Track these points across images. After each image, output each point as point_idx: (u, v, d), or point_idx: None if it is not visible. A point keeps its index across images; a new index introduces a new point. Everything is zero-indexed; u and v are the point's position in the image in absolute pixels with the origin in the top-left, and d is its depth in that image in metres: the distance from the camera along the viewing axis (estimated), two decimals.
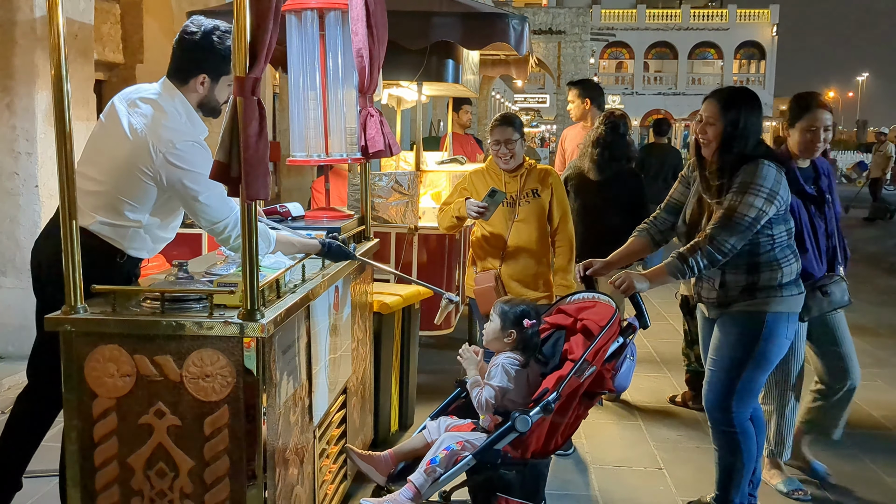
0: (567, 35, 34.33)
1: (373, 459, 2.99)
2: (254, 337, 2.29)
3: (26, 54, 5.18)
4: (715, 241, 3.08)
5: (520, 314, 3.01)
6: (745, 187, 3.08)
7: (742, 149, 3.15)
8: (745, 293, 3.21)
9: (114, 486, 2.38)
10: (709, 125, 3.21)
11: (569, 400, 2.76)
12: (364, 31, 3.48)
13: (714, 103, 3.21)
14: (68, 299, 2.36)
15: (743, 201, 3.07)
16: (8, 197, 5.28)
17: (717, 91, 3.29)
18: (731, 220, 3.07)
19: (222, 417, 2.34)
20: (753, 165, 3.12)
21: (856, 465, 4.19)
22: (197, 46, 2.91)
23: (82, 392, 2.35)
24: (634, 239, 3.57)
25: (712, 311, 3.37)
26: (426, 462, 2.76)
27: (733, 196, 3.10)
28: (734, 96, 3.23)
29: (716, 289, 3.25)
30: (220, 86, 2.99)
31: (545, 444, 2.78)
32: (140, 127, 2.82)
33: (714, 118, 3.19)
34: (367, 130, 3.68)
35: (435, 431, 2.97)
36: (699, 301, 3.44)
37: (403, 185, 5.19)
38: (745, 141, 3.16)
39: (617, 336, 2.85)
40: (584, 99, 5.68)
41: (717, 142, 3.19)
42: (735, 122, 3.15)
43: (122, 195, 2.87)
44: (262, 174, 2.25)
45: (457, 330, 5.84)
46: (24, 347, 5.31)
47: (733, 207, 3.08)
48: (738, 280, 3.20)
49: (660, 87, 58.28)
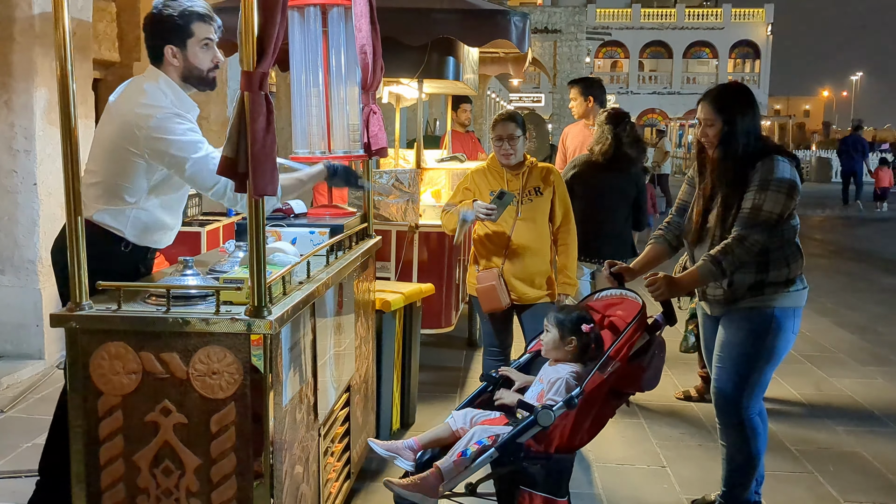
0: (563, 34, 34.34)
1: (397, 448, 2.97)
2: (261, 334, 2.27)
3: (24, 51, 5.15)
4: (746, 242, 3.07)
5: (577, 320, 2.99)
6: (767, 184, 3.09)
7: (746, 143, 3.16)
8: (753, 289, 3.20)
9: (119, 485, 2.36)
10: (708, 126, 3.22)
11: (593, 395, 2.74)
12: (368, 27, 3.47)
13: (708, 104, 3.22)
14: (73, 296, 2.34)
15: (767, 198, 3.08)
16: (6, 195, 5.25)
17: (709, 92, 3.29)
18: (758, 218, 3.07)
19: (229, 415, 2.32)
20: (769, 161, 3.12)
21: (858, 464, 4.19)
22: (154, 21, 2.96)
23: (87, 389, 2.33)
24: (652, 246, 3.56)
25: (716, 309, 3.36)
26: (457, 453, 2.74)
27: (756, 194, 3.10)
28: (725, 94, 3.24)
29: (723, 287, 3.24)
30: (190, 51, 2.98)
31: (569, 440, 2.77)
32: (122, 109, 2.90)
33: (711, 119, 3.19)
34: (369, 127, 3.66)
35: (461, 420, 2.96)
36: (702, 299, 3.44)
37: (404, 183, 5.17)
38: (747, 136, 3.17)
39: (643, 333, 2.84)
40: (586, 97, 5.66)
41: (718, 141, 3.20)
42: (732, 119, 3.16)
43: (117, 179, 2.92)
44: (269, 169, 2.24)
45: (457, 328, 5.84)
46: (23, 346, 5.33)
47: (758, 206, 3.08)
48: (748, 278, 3.19)
49: (655, 86, 58.26)
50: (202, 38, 2.97)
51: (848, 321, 7.42)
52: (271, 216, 3.51)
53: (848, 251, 12.34)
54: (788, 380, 5.50)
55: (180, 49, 2.97)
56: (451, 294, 5.48)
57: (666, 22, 57.56)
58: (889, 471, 4.10)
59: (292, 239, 3.26)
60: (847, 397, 5.26)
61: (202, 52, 2.99)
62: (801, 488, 3.88)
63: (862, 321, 7.45)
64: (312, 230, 3.33)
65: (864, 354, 6.31)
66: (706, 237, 3.28)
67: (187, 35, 2.96)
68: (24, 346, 5.33)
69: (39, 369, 5.23)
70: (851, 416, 4.92)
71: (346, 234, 3.45)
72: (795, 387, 5.40)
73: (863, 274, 10.26)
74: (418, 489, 2.68)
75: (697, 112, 3.30)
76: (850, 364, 6.02)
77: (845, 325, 7.28)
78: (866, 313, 7.80)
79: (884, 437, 4.57)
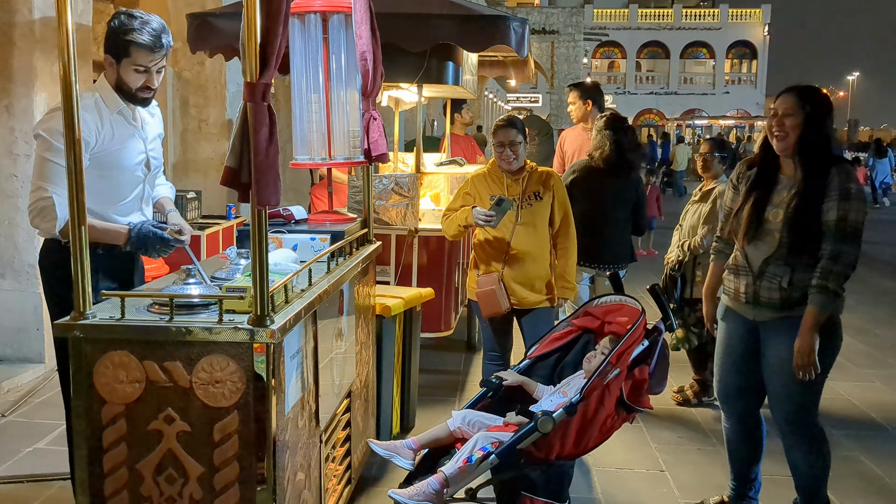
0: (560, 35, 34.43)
1: (397, 448, 3.00)
2: (264, 343, 2.28)
3: (25, 56, 5.15)
4: (843, 257, 3.02)
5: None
6: (848, 193, 3.03)
7: (825, 143, 3.10)
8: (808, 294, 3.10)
9: (123, 493, 2.37)
10: (787, 116, 3.10)
11: (595, 402, 2.75)
12: (368, 34, 3.48)
13: (792, 97, 3.12)
14: (77, 305, 2.35)
15: (852, 208, 3.02)
16: (6, 199, 5.25)
17: (793, 87, 3.18)
18: (848, 230, 3.02)
19: (232, 423, 2.33)
20: (845, 168, 3.08)
21: (856, 466, 4.21)
22: (108, 26, 3.05)
23: (91, 398, 2.34)
24: (715, 265, 3.52)
25: (765, 314, 3.22)
26: (462, 459, 2.75)
27: (840, 204, 3.02)
28: (811, 91, 3.15)
29: (783, 288, 3.13)
30: (123, 68, 3.04)
31: (572, 448, 2.78)
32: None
33: (792, 109, 3.10)
34: (369, 133, 3.67)
35: (459, 420, 2.98)
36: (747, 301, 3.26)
37: (403, 187, 5.19)
38: (827, 138, 3.11)
39: (642, 339, 2.86)
40: (585, 100, 5.68)
41: (795, 134, 3.10)
42: (816, 115, 3.08)
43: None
44: (272, 180, 2.25)
45: (456, 332, 5.85)
46: (23, 350, 5.33)
47: (845, 217, 3.01)
48: (806, 279, 3.09)
49: (652, 86, 58.28)
50: (137, 63, 3.02)
51: (846, 324, 7.29)
52: (272, 222, 3.52)
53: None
54: None
55: (115, 62, 3.05)
56: (451, 298, 5.50)
57: (663, 22, 57.60)
58: (887, 474, 4.12)
59: (293, 245, 3.28)
60: (845, 400, 5.28)
61: (134, 74, 3.05)
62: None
63: (860, 324, 7.47)
64: (313, 236, 3.35)
65: (861, 358, 6.34)
66: (762, 235, 3.18)
67: (123, 55, 3.02)
68: (24, 350, 5.34)
69: (40, 373, 5.23)
70: (849, 419, 4.94)
71: (347, 240, 3.46)
72: None
73: (860, 276, 10.27)
74: (424, 497, 2.70)
75: (774, 103, 3.20)
76: (847, 367, 6.03)
77: (843, 327, 7.27)
78: (864, 316, 7.82)
79: (882, 441, 4.59)
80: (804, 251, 3.09)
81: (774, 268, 3.14)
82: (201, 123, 7.96)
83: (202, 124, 7.95)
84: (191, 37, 5.34)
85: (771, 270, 3.15)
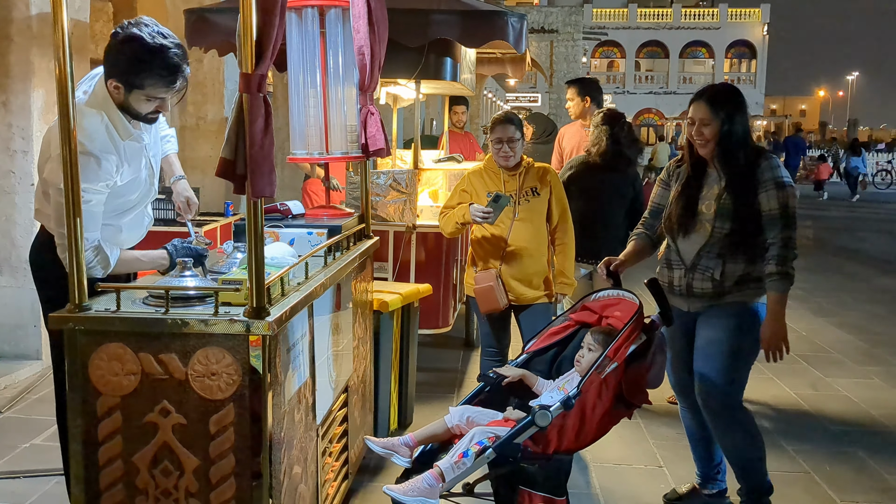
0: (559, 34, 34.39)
1: (393, 445, 2.98)
2: (260, 335, 2.28)
3: (22, 52, 5.14)
4: (791, 242, 3.17)
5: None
6: (779, 182, 3.20)
7: (744, 140, 3.25)
8: (738, 284, 3.28)
9: (118, 485, 2.36)
10: (704, 126, 3.27)
11: (593, 397, 2.74)
12: (366, 28, 3.47)
13: (704, 104, 3.28)
14: (72, 297, 2.34)
15: (789, 194, 3.20)
16: (4, 195, 5.25)
17: (702, 92, 3.35)
18: (790, 216, 3.18)
19: (228, 416, 2.32)
20: (771, 160, 3.25)
21: (854, 464, 4.21)
22: (110, 47, 2.71)
23: (86, 391, 2.33)
24: (635, 241, 3.61)
25: (697, 304, 3.38)
26: (458, 454, 2.74)
27: (777, 193, 3.19)
28: (720, 94, 3.32)
29: (715, 279, 3.28)
30: (133, 97, 2.74)
31: (570, 442, 2.76)
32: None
33: (708, 118, 3.25)
34: (367, 128, 3.67)
35: (456, 417, 2.97)
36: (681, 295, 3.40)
37: (402, 184, 5.18)
38: (744, 134, 3.26)
39: (640, 333, 2.85)
40: (583, 97, 5.67)
41: (714, 140, 3.26)
42: (730, 117, 3.24)
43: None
44: (267, 171, 2.25)
45: (454, 329, 5.84)
46: (20, 346, 5.33)
47: (786, 204, 3.19)
48: (737, 269, 3.27)
49: (651, 86, 58.37)
50: (151, 96, 2.73)
51: (844, 321, 7.45)
52: (269, 217, 3.51)
53: (844, 251, 12.37)
54: (785, 380, 5.52)
55: (126, 91, 2.72)
56: (449, 294, 5.49)
57: (662, 22, 57.68)
58: (885, 470, 4.11)
59: (290, 240, 3.27)
60: (843, 397, 5.28)
61: (146, 103, 2.76)
62: (798, 489, 3.90)
63: (858, 321, 7.47)
64: (310, 231, 3.34)
65: (860, 354, 6.33)
66: (695, 227, 3.32)
67: (135, 85, 2.70)
68: (21, 347, 5.33)
69: (37, 370, 5.22)
70: (848, 416, 4.94)
71: (344, 234, 3.46)
72: (792, 387, 5.42)
73: (859, 273, 10.29)
74: (419, 493, 2.68)
75: (690, 111, 3.35)
76: (846, 364, 6.03)
77: (842, 324, 7.30)
78: (863, 313, 7.82)
79: (880, 437, 4.59)
80: (738, 240, 3.24)
81: (706, 260, 3.30)
82: (199, 121, 7.95)
83: (200, 122, 7.95)
84: (188, 33, 5.33)
85: (703, 263, 3.31)
